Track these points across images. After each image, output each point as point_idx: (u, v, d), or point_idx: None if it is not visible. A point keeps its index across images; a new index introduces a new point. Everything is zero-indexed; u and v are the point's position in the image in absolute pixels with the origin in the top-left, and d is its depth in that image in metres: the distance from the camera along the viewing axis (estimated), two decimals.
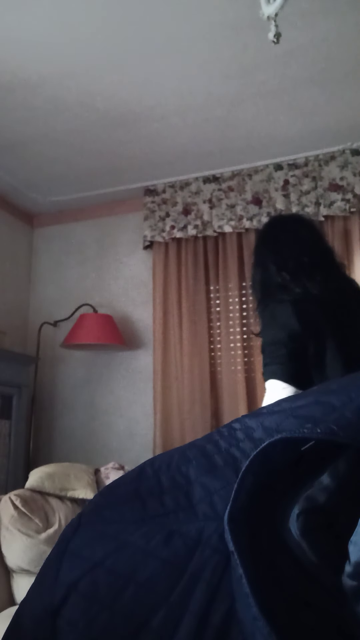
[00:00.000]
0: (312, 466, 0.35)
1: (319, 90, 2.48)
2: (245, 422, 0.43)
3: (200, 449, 0.42)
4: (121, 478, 0.43)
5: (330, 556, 0.31)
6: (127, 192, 3.44)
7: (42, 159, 3.05)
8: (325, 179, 3.02)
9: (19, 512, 2.05)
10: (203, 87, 2.44)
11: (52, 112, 2.61)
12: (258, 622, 0.28)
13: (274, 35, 1.32)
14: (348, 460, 0.33)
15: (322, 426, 0.30)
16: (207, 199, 3.25)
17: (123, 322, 3.38)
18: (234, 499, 0.33)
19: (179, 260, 3.30)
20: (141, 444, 3.19)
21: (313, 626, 0.30)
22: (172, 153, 3.02)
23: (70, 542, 0.40)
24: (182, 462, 0.42)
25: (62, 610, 0.37)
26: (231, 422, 0.45)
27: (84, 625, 0.35)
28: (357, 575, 0.28)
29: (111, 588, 0.36)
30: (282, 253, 1.68)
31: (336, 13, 2.02)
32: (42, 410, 3.47)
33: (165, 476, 0.41)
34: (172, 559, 0.36)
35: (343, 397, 0.38)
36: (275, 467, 0.34)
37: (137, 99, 2.52)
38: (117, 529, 0.39)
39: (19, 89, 2.42)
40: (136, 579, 0.36)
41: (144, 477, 0.42)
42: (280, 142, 2.94)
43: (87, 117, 2.65)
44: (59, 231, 3.73)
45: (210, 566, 0.35)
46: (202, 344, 3.16)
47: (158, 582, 0.35)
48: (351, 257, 3.00)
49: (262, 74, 2.36)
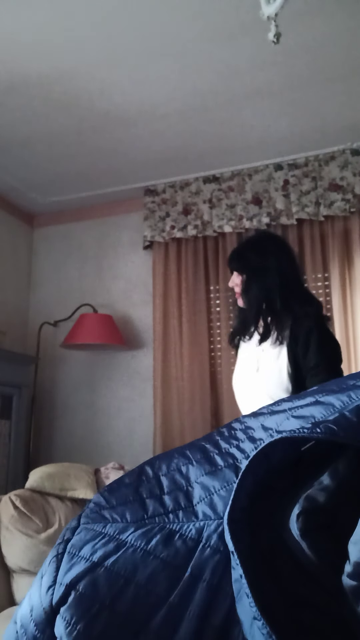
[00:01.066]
0: (312, 466, 0.35)
1: (318, 90, 2.48)
2: (245, 422, 0.43)
3: (200, 449, 0.42)
4: (121, 478, 0.43)
5: (330, 556, 0.31)
6: (127, 192, 3.44)
7: (42, 159, 3.05)
8: (325, 179, 3.02)
9: (19, 512, 2.05)
10: (203, 87, 2.44)
11: (52, 112, 2.61)
12: (258, 622, 0.28)
13: (274, 35, 1.32)
14: (348, 460, 0.33)
15: (322, 426, 0.30)
16: (207, 199, 3.24)
17: (123, 322, 3.38)
18: (234, 499, 0.33)
19: (179, 260, 3.30)
20: (141, 444, 3.19)
21: (313, 626, 0.30)
22: (172, 153, 3.02)
23: (70, 542, 0.40)
24: (182, 462, 0.42)
25: (62, 610, 0.37)
26: (231, 422, 0.45)
27: (84, 626, 0.35)
28: (357, 575, 0.28)
29: (111, 588, 0.36)
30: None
31: (336, 13, 2.02)
32: (42, 410, 3.47)
33: (165, 476, 0.41)
34: (172, 559, 0.36)
35: (343, 397, 0.38)
36: (275, 467, 0.34)
37: (137, 99, 2.52)
38: (117, 529, 0.39)
39: (19, 89, 2.42)
40: (136, 579, 0.36)
41: (144, 477, 0.42)
42: (280, 142, 2.94)
43: (87, 117, 2.65)
44: (59, 231, 3.73)
45: (210, 566, 0.35)
46: (202, 344, 3.16)
47: (158, 582, 0.35)
48: (351, 257, 3.00)
49: (262, 74, 2.36)
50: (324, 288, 3.06)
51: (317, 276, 3.07)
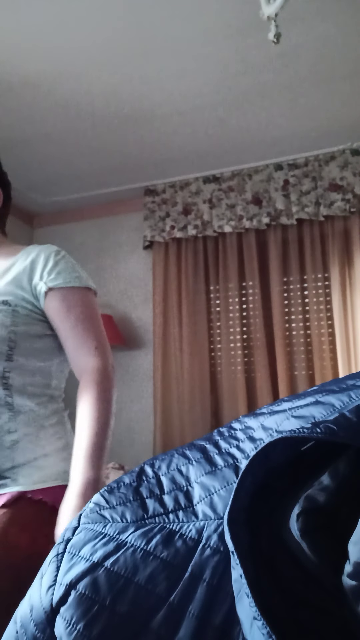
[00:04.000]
0: (312, 466, 0.35)
1: (319, 90, 2.48)
2: (245, 422, 0.43)
3: (200, 449, 0.42)
4: (121, 478, 0.43)
5: (330, 556, 0.31)
6: (127, 192, 3.45)
7: (42, 159, 3.05)
8: (325, 179, 3.02)
9: None
10: (203, 87, 2.44)
11: (52, 112, 2.61)
12: (258, 622, 0.28)
13: (274, 35, 1.32)
14: (348, 460, 0.33)
15: (322, 426, 0.30)
16: (207, 199, 3.25)
17: (123, 322, 3.38)
18: (234, 499, 0.33)
19: (179, 260, 3.30)
20: (141, 444, 3.19)
21: (313, 626, 0.30)
22: (172, 153, 3.02)
23: (70, 542, 0.40)
24: (182, 462, 0.42)
25: (62, 610, 0.37)
26: (231, 422, 0.45)
27: (84, 626, 0.35)
28: (357, 575, 0.28)
29: (111, 588, 0.36)
30: None
31: (336, 13, 2.02)
32: None
33: (165, 476, 0.42)
34: (172, 559, 0.36)
35: (343, 397, 0.38)
36: (275, 467, 0.34)
37: (137, 99, 2.52)
38: (117, 529, 0.39)
39: (19, 89, 2.42)
40: (136, 579, 0.36)
41: (144, 477, 0.42)
42: (280, 142, 2.94)
43: (87, 117, 2.65)
44: (59, 231, 3.73)
45: (210, 566, 0.35)
46: (202, 344, 3.16)
47: (158, 582, 0.35)
48: (351, 257, 3.00)
49: (262, 74, 2.36)
50: (324, 288, 3.06)
51: (317, 276, 3.07)
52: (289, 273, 3.14)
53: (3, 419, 1.09)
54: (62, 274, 1.14)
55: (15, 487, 1.06)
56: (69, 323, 1.13)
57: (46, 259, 1.15)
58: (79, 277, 1.17)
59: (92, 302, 1.17)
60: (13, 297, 1.12)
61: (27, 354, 1.14)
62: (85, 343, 1.13)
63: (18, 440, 1.10)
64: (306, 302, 3.10)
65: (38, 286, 1.13)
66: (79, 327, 1.13)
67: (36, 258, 1.16)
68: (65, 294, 1.13)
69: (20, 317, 1.12)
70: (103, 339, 1.16)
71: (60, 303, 1.13)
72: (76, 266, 1.19)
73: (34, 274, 1.14)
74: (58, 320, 1.14)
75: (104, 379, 1.14)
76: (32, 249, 1.19)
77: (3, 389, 1.10)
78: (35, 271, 1.14)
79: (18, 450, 1.09)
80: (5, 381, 1.10)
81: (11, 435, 1.09)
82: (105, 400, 1.14)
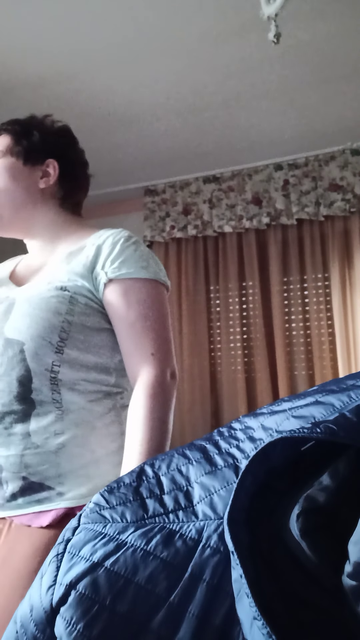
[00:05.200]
0: (312, 466, 0.35)
1: (319, 90, 2.48)
2: (245, 422, 0.43)
3: (200, 449, 0.43)
4: (121, 478, 0.43)
5: (330, 556, 0.31)
6: (127, 192, 3.44)
7: None
8: (325, 179, 3.02)
9: None
10: (203, 87, 2.44)
11: (52, 112, 2.61)
12: (258, 622, 0.28)
13: (274, 35, 1.32)
14: (348, 460, 0.33)
15: (322, 426, 0.30)
16: (207, 199, 3.25)
17: None
18: (234, 499, 0.33)
19: (179, 260, 3.30)
20: None
21: (313, 626, 0.30)
22: (172, 153, 3.02)
23: (70, 542, 0.40)
24: (182, 462, 0.42)
25: (62, 610, 0.37)
26: (231, 422, 0.45)
27: (84, 626, 0.35)
28: (357, 575, 0.28)
29: (111, 588, 0.36)
30: None
31: (336, 13, 2.02)
32: None
33: (165, 476, 0.42)
34: (172, 559, 0.36)
35: (343, 397, 0.38)
36: (275, 467, 0.34)
37: (137, 99, 2.52)
38: (117, 529, 0.39)
39: (19, 89, 2.42)
40: (136, 579, 0.36)
41: (144, 477, 0.42)
42: (280, 142, 2.94)
43: (87, 117, 2.65)
44: None
45: (210, 566, 0.35)
46: (202, 344, 3.16)
47: (158, 582, 0.35)
48: (351, 257, 3.00)
49: (262, 74, 2.36)
50: (324, 288, 3.06)
51: (317, 276, 3.07)
52: (289, 273, 3.13)
53: (49, 419, 0.95)
54: (126, 263, 0.99)
55: (63, 502, 0.92)
56: (127, 322, 0.97)
57: (112, 245, 1.02)
58: (147, 268, 1.01)
59: (160, 298, 1.01)
60: (73, 283, 0.99)
61: (82, 348, 0.99)
62: (140, 347, 0.97)
63: (65, 443, 0.95)
64: (306, 302, 3.10)
65: (99, 276, 0.99)
66: (137, 326, 0.97)
67: (103, 244, 1.03)
68: (128, 287, 0.98)
69: (78, 306, 0.98)
70: (164, 343, 0.98)
71: (120, 297, 0.98)
72: (147, 255, 1.04)
73: (97, 261, 1.00)
74: (116, 318, 0.99)
75: (159, 392, 0.94)
76: (103, 233, 1.07)
77: (50, 384, 0.95)
78: (99, 258, 1.00)
79: (64, 455, 0.95)
80: (54, 375, 0.96)
81: (57, 437, 0.95)
82: (158, 418, 0.92)
